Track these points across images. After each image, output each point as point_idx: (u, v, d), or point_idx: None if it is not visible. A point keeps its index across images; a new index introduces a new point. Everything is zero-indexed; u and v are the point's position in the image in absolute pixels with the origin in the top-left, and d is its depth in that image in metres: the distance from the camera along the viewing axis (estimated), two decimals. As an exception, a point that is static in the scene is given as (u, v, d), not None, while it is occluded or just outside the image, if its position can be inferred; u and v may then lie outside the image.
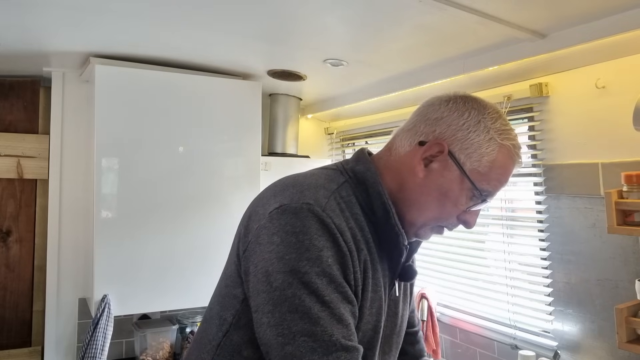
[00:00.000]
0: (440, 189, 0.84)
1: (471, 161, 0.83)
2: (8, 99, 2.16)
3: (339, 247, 0.75)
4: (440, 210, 0.85)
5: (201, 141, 2.05)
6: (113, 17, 1.47)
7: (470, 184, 0.83)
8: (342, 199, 0.82)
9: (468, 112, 0.85)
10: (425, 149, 0.84)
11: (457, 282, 2.06)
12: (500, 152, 0.84)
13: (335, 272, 0.74)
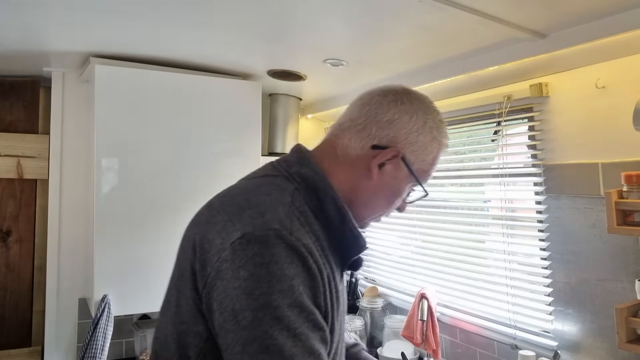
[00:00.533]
0: (392, 189, 0.89)
1: (418, 161, 0.88)
2: (8, 99, 2.16)
3: (309, 270, 0.73)
4: (389, 206, 0.91)
5: (201, 141, 2.05)
6: (113, 17, 1.47)
7: (417, 181, 0.89)
8: (299, 211, 0.79)
9: (416, 115, 0.87)
10: (383, 154, 0.86)
11: (457, 282, 2.06)
12: (439, 149, 0.91)
13: (306, 300, 0.71)
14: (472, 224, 2.10)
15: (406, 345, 2.01)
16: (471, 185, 2.08)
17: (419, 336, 1.90)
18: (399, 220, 2.42)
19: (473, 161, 2.06)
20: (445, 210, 2.18)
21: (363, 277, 2.71)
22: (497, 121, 1.80)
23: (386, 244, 2.58)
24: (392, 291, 2.45)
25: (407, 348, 2.00)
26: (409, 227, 2.34)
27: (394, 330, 2.14)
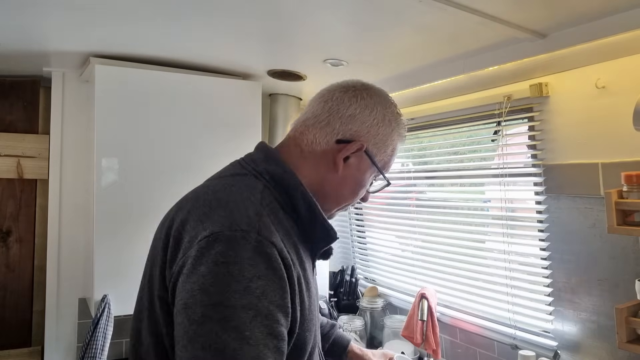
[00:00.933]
0: (356, 180, 0.93)
1: (380, 153, 0.94)
2: (8, 99, 2.16)
3: (275, 271, 0.72)
4: (354, 197, 0.96)
5: (201, 141, 2.05)
6: (113, 17, 1.47)
7: (379, 172, 0.94)
8: (269, 209, 0.81)
9: (375, 109, 0.93)
10: (348, 148, 0.90)
11: (457, 282, 2.06)
12: (398, 140, 0.97)
13: (265, 304, 0.70)
14: (472, 224, 2.10)
15: (406, 345, 2.01)
16: (471, 186, 2.08)
17: (419, 336, 1.90)
18: (399, 220, 2.42)
19: (473, 161, 2.06)
20: (445, 210, 2.18)
21: (363, 277, 2.71)
22: (497, 121, 1.80)
23: (386, 244, 2.58)
24: (392, 291, 2.45)
25: (407, 348, 2.00)
26: (409, 227, 2.34)
27: (394, 330, 2.14)
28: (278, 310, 0.72)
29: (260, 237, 0.73)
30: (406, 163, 2.46)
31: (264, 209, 0.79)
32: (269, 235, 0.74)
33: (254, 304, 0.69)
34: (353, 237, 2.80)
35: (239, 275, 0.69)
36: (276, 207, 0.83)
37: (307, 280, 0.83)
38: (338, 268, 2.69)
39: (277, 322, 0.71)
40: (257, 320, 0.69)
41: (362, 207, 2.71)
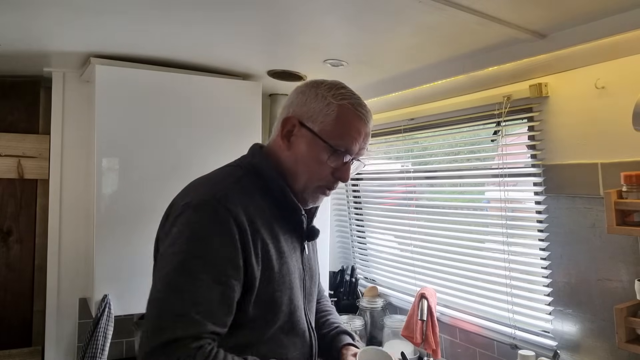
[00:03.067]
0: (306, 155, 1.03)
1: (317, 124, 1.02)
2: (8, 99, 2.16)
3: (227, 231, 0.91)
4: (313, 173, 1.03)
5: (201, 141, 2.05)
6: (113, 17, 1.47)
7: (323, 141, 1.01)
8: (242, 189, 0.99)
9: (308, 90, 1.06)
10: (281, 127, 1.06)
11: (457, 282, 2.06)
12: (341, 110, 1.02)
13: (214, 255, 0.89)
14: (472, 224, 2.10)
15: (406, 345, 2.02)
16: (471, 186, 2.08)
17: (419, 336, 1.90)
18: (399, 220, 2.42)
19: (473, 161, 2.07)
20: (445, 211, 2.18)
21: (363, 277, 2.71)
22: (496, 121, 1.80)
23: (386, 244, 2.58)
24: (392, 291, 2.46)
25: (407, 348, 2.00)
26: (408, 227, 2.34)
27: (394, 330, 2.14)
28: (227, 263, 0.90)
29: (219, 206, 0.92)
30: (406, 163, 2.46)
31: (234, 189, 0.98)
32: (226, 204, 0.93)
33: (205, 254, 0.89)
34: (353, 237, 2.81)
35: (200, 231, 0.91)
36: (252, 190, 1.01)
37: (280, 250, 1.00)
38: (338, 268, 2.69)
39: (223, 273, 0.90)
40: (206, 267, 0.88)
41: (362, 207, 2.72)
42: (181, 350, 0.82)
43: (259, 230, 0.96)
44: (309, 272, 1.13)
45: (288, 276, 1.02)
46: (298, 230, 1.08)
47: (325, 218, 2.48)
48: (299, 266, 1.08)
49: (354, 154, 1.05)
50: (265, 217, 1.00)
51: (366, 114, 1.06)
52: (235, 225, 0.92)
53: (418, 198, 2.34)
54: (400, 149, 2.51)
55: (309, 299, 1.12)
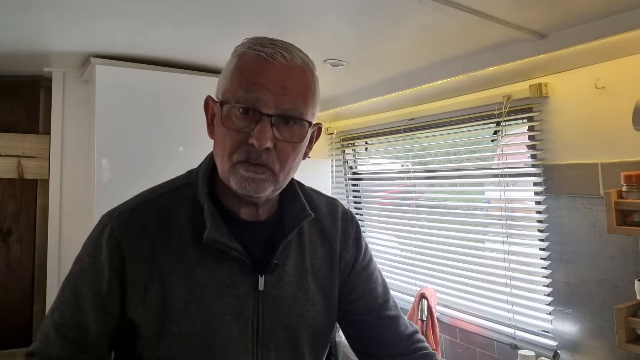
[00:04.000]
0: (216, 129, 0.84)
1: (219, 87, 0.83)
2: (8, 99, 2.16)
3: (105, 256, 0.80)
4: (224, 147, 0.80)
5: (201, 141, 2.03)
6: (113, 17, 1.47)
7: (219, 103, 0.81)
8: (156, 205, 0.83)
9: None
10: (205, 115, 0.90)
11: (457, 282, 2.06)
12: (239, 60, 0.81)
13: (80, 278, 0.83)
14: (472, 224, 2.10)
15: (406, 345, 2.01)
16: (471, 186, 2.08)
17: (419, 336, 1.90)
18: (399, 220, 2.42)
19: (473, 161, 2.07)
20: (445, 210, 2.18)
21: (363, 277, 2.71)
22: (496, 121, 1.80)
23: (386, 244, 2.58)
24: (392, 291, 2.45)
25: (407, 348, 2.00)
26: (408, 227, 2.34)
27: (394, 330, 2.13)
28: (89, 287, 0.82)
29: (108, 224, 0.82)
30: (406, 163, 2.47)
31: (149, 205, 0.84)
32: (116, 225, 0.81)
33: (73, 274, 0.85)
34: (353, 237, 2.80)
35: (83, 248, 0.87)
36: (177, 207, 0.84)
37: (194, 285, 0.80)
38: (338, 268, 2.69)
39: (86, 299, 0.81)
40: (69, 285, 0.84)
41: (362, 207, 2.72)
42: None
43: (155, 261, 0.79)
44: (273, 313, 0.85)
45: (208, 319, 0.80)
46: (248, 261, 0.82)
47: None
48: (244, 306, 0.82)
49: (268, 106, 0.76)
50: (177, 243, 0.81)
51: (272, 51, 0.78)
52: (114, 251, 0.79)
53: (418, 198, 2.34)
54: (400, 149, 2.51)
55: (266, 347, 0.84)
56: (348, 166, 2.80)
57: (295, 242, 0.90)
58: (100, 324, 0.81)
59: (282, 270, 0.86)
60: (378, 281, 1.02)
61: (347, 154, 2.79)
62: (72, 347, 0.81)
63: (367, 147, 2.69)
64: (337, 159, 2.83)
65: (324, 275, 0.93)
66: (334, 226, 0.97)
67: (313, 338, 0.91)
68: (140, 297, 0.79)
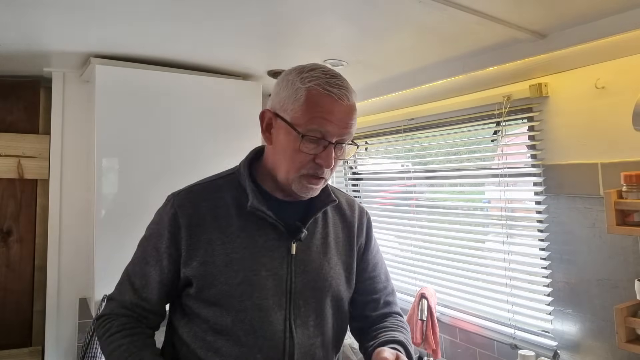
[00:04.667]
0: (284, 145, 1.00)
1: (288, 112, 0.98)
2: (8, 99, 2.16)
3: (166, 223, 1.01)
4: (291, 162, 1.00)
5: (201, 141, 2.05)
6: (113, 17, 1.47)
7: (294, 129, 0.97)
8: (211, 188, 1.07)
9: (281, 79, 1.03)
10: (260, 122, 1.06)
11: (457, 282, 2.06)
12: (309, 94, 0.97)
13: (149, 241, 1.04)
14: (472, 224, 2.10)
15: (406, 345, 2.01)
16: (471, 186, 2.08)
17: (419, 336, 1.91)
18: (399, 220, 2.42)
19: (473, 161, 2.07)
20: (445, 210, 2.18)
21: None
22: (496, 121, 1.80)
23: (386, 244, 2.58)
24: (392, 291, 2.45)
25: (407, 348, 2.00)
26: (408, 227, 2.34)
27: (394, 330, 2.13)
28: (153, 248, 1.03)
29: (171, 201, 1.05)
30: (406, 163, 2.47)
31: (201, 187, 1.07)
32: (175, 200, 1.04)
33: (145, 238, 1.07)
34: (353, 237, 2.80)
35: (153, 219, 1.08)
36: (222, 189, 1.06)
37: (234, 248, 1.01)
38: (338, 268, 2.69)
39: (150, 255, 1.03)
40: (140, 247, 1.07)
41: (362, 207, 2.71)
42: (108, 308, 1.05)
43: (205, 228, 1.01)
44: (303, 274, 1.05)
45: (248, 274, 1.00)
46: (282, 228, 1.03)
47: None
48: (279, 266, 1.02)
49: (334, 136, 0.98)
50: (224, 216, 1.03)
51: (339, 92, 0.97)
52: (173, 219, 1.01)
53: (418, 198, 2.34)
54: (400, 149, 2.51)
55: (296, 303, 1.03)
56: (348, 166, 2.80)
57: (322, 221, 1.11)
58: (158, 275, 1.02)
59: (310, 241, 1.07)
60: (382, 269, 1.21)
61: (347, 154, 2.78)
62: (137, 293, 1.03)
63: (367, 147, 2.69)
64: (337, 159, 2.83)
65: (345, 251, 1.13)
66: (353, 215, 1.18)
67: (336, 303, 1.09)
68: (192, 256, 0.99)
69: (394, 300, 1.22)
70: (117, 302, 1.05)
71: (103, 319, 1.05)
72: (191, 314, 1.02)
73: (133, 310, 1.04)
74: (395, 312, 1.20)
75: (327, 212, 1.13)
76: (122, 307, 1.04)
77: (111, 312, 1.05)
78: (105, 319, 1.05)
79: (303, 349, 1.02)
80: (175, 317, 1.07)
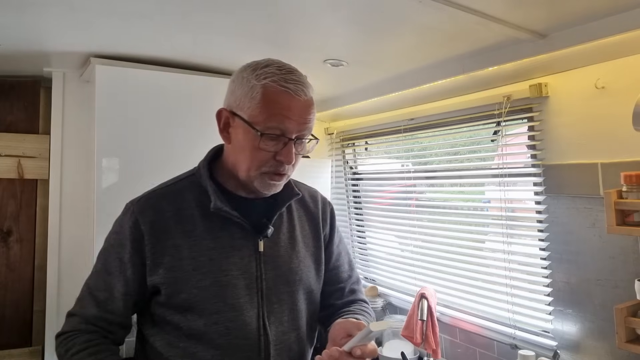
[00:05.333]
0: (242, 144, 0.99)
1: (245, 110, 0.97)
2: (8, 99, 2.16)
3: (126, 232, 1.00)
4: (251, 160, 0.99)
5: (201, 141, 2.04)
6: (113, 17, 1.47)
7: (252, 127, 0.96)
8: (171, 192, 1.06)
9: (235, 77, 1.02)
10: (217, 122, 1.04)
11: (457, 282, 2.06)
12: (265, 91, 0.95)
13: (108, 251, 1.03)
14: (472, 224, 2.10)
15: (406, 345, 2.02)
16: (471, 186, 2.08)
17: (419, 336, 1.90)
18: (399, 220, 2.42)
19: (473, 161, 2.07)
20: (445, 210, 2.18)
21: (363, 277, 2.71)
22: (496, 121, 1.80)
23: (386, 244, 2.58)
24: (392, 291, 2.46)
25: (407, 348, 2.00)
26: (408, 227, 2.34)
27: (394, 330, 2.14)
28: (114, 256, 1.02)
29: (130, 209, 1.05)
30: (406, 163, 2.46)
31: (161, 192, 1.07)
32: (135, 208, 1.04)
33: (105, 249, 1.05)
34: (353, 237, 2.81)
35: (112, 229, 1.08)
36: (183, 192, 1.05)
37: (201, 251, 1.00)
38: (338, 268, 2.69)
39: (113, 266, 1.02)
40: (100, 258, 1.05)
41: (362, 207, 2.72)
42: (69, 325, 1.02)
43: (169, 233, 1.00)
44: (273, 270, 1.05)
45: (218, 275, 0.99)
46: (248, 226, 1.03)
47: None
48: (249, 265, 1.02)
49: (293, 132, 0.97)
50: (188, 219, 1.02)
51: (295, 88, 0.96)
52: (134, 228, 1.00)
53: (418, 198, 2.34)
54: (400, 149, 2.51)
55: (269, 300, 1.03)
56: (348, 166, 2.80)
57: (287, 216, 1.12)
58: (123, 286, 1.00)
59: (277, 237, 1.08)
60: (346, 259, 1.25)
61: (347, 154, 2.79)
62: (100, 307, 1.01)
63: (367, 147, 2.69)
64: (337, 159, 2.83)
65: (312, 243, 1.15)
66: (317, 207, 1.20)
67: (308, 296, 1.11)
68: (158, 263, 0.98)
69: (359, 288, 1.26)
70: (79, 318, 1.02)
71: (64, 337, 1.00)
72: (162, 322, 1.00)
73: (97, 325, 1.01)
74: (360, 299, 1.22)
75: (291, 206, 1.14)
76: (85, 323, 1.01)
77: (73, 329, 1.01)
78: (66, 336, 1.00)
79: (278, 345, 1.03)
80: (146, 327, 1.05)
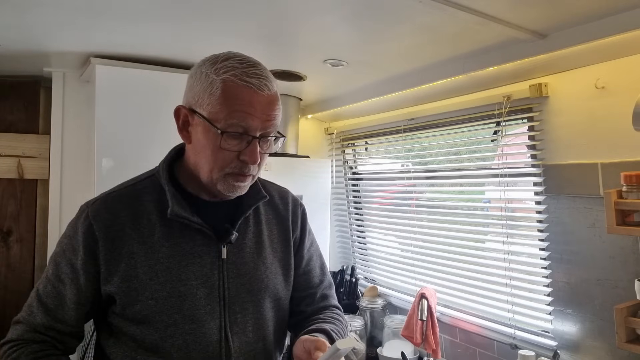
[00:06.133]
0: (203, 144, 0.92)
1: (204, 107, 0.91)
2: (8, 99, 2.16)
3: (80, 238, 0.92)
4: (214, 161, 0.92)
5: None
6: (113, 17, 1.47)
7: (212, 125, 0.89)
8: (128, 194, 0.98)
9: (193, 72, 0.96)
10: (176, 120, 0.99)
11: (457, 282, 2.06)
12: (225, 85, 0.89)
13: (60, 256, 0.95)
14: (472, 224, 2.10)
15: (406, 345, 2.02)
16: (471, 186, 2.08)
17: (419, 336, 1.90)
18: (399, 220, 2.42)
19: (473, 161, 2.07)
20: (445, 210, 2.18)
21: (363, 277, 2.71)
22: (496, 121, 1.80)
23: (386, 244, 2.58)
24: (392, 291, 2.46)
25: (407, 348, 2.00)
26: (408, 227, 2.34)
27: (394, 330, 2.14)
28: (66, 262, 0.94)
29: (84, 212, 0.95)
30: (406, 163, 2.46)
31: (119, 194, 0.98)
32: (89, 211, 0.94)
33: (56, 252, 0.97)
34: (353, 237, 2.81)
35: (65, 233, 0.97)
36: (141, 195, 0.98)
37: (158, 258, 0.93)
38: (338, 268, 2.69)
39: (65, 272, 0.94)
40: (50, 265, 0.97)
41: (362, 207, 2.72)
42: (15, 333, 0.97)
43: (125, 239, 0.92)
44: (237, 278, 0.98)
45: (176, 285, 0.92)
46: (210, 232, 0.97)
47: (325, 218, 2.48)
48: (210, 273, 0.96)
49: (257, 130, 0.90)
50: (145, 224, 0.94)
51: (258, 82, 0.89)
52: (88, 232, 0.92)
53: (418, 198, 2.34)
54: (400, 149, 2.51)
55: (232, 310, 0.97)
56: (348, 166, 2.80)
57: (253, 220, 1.05)
58: (75, 295, 0.93)
59: (242, 242, 1.01)
60: (317, 263, 1.18)
61: (347, 154, 2.79)
62: (50, 315, 0.94)
63: (367, 147, 2.69)
64: (337, 159, 2.83)
65: (280, 248, 1.08)
66: (286, 209, 1.12)
67: (276, 304, 1.05)
68: (113, 271, 0.92)
69: (331, 293, 1.19)
70: (27, 326, 0.96)
71: (9, 346, 0.94)
72: (118, 332, 0.94)
73: (46, 334, 0.95)
74: (332, 305, 1.16)
75: (259, 208, 1.07)
76: (32, 332, 0.95)
77: (19, 338, 0.95)
78: (11, 345, 0.94)
79: (242, 356, 0.97)
80: (102, 336, 0.99)
